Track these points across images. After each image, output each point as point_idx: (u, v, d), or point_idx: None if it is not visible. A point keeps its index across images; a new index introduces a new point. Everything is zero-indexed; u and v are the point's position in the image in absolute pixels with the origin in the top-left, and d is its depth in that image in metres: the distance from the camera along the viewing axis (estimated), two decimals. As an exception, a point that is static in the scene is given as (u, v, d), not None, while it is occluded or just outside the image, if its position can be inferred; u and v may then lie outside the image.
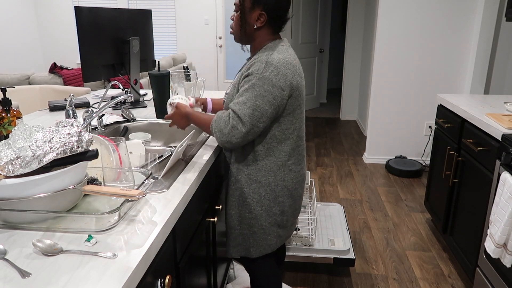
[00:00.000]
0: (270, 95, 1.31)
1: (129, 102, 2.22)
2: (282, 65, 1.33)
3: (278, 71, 1.32)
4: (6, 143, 0.99)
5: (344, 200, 3.19)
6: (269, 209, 1.47)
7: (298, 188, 1.52)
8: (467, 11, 3.49)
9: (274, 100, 1.32)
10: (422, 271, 2.29)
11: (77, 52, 6.26)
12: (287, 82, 1.33)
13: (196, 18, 6.13)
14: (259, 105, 1.31)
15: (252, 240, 1.51)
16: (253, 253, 1.52)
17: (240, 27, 1.41)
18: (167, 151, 1.50)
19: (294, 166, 1.47)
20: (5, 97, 1.48)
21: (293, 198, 1.50)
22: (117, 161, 1.12)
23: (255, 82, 1.31)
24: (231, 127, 1.32)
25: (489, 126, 1.87)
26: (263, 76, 1.31)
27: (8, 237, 0.89)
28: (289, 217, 1.53)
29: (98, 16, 1.95)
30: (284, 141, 1.42)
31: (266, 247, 1.52)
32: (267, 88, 1.30)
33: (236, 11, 1.41)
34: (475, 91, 3.55)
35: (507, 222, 1.56)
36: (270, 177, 1.44)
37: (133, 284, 0.78)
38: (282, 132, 1.41)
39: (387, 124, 3.89)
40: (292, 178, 1.47)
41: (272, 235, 1.51)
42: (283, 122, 1.40)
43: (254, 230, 1.49)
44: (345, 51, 5.44)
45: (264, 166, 1.43)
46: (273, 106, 1.32)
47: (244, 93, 1.33)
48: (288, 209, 1.50)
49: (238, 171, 1.47)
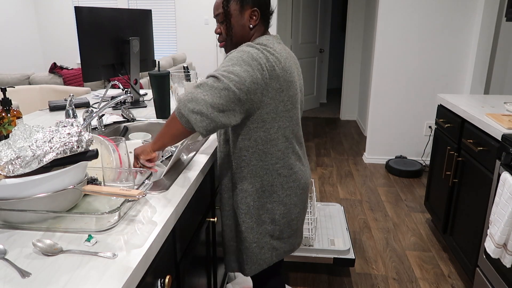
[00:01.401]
0: (249, 67, 1.17)
1: (129, 102, 2.23)
2: (264, 49, 1.23)
3: (260, 51, 1.22)
4: (6, 143, 0.99)
5: (344, 200, 3.19)
6: (258, 217, 1.37)
7: (292, 195, 1.38)
8: (467, 11, 3.49)
9: (252, 71, 1.17)
10: (422, 271, 2.29)
11: (77, 52, 6.26)
12: (269, 62, 1.21)
13: (196, 18, 6.13)
14: (235, 70, 1.16)
15: (245, 257, 1.41)
16: (248, 271, 1.42)
17: (233, 32, 1.32)
18: (167, 151, 1.50)
19: (284, 170, 1.35)
20: (5, 97, 1.48)
21: (285, 206, 1.37)
22: (117, 161, 1.12)
23: (232, 55, 1.20)
24: (198, 85, 1.16)
25: (489, 126, 1.87)
26: (242, 49, 1.21)
27: (8, 237, 0.89)
28: (283, 228, 1.39)
29: (98, 16, 1.95)
30: (270, 142, 1.30)
31: (261, 262, 1.41)
32: (246, 58, 1.18)
33: (221, 22, 1.32)
34: (475, 91, 3.55)
35: (507, 222, 1.56)
36: (256, 184, 1.34)
37: (133, 284, 0.78)
38: (267, 132, 1.29)
39: (387, 124, 3.89)
40: (282, 183, 1.35)
41: (266, 247, 1.39)
42: (266, 121, 1.27)
43: (246, 245, 1.39)
44: (345, 51, 5.44)
45: (249, 173, 1.33)
46: (251, 77, 1.17)
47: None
48: (280, 218, 1.38)
49: (227, 179, 1.40)
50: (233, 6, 1.28)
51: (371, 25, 4.65)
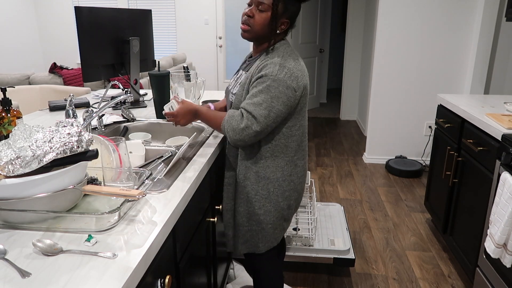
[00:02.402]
0: (285, 97, 1.37)
1: (129, 102, 2.23)
2: (294, 67, 1.39)
3: (291, 73, 1.37)
4: (6, 143, 0.99)
5: (344, 200, 3.19)
6: (277, 204, 1.52)
7: (302, 182, 1.58)
8: (467, 11, 3.49)
9: (288, 101, 1.38)
10: (422, 271, 2.29)
11: (77, 52, 6.26)
12: (299, 83, 1.39)
13: (196, 18, 6.13)
14: (275, 106, 1.36)
15: (261, 236, 1.56)
16: (262, 248, 1.58)
17: (269, 29, 1.42)
18: (167, 152, 1.49)
19: (299, 161, 1.53)
20: (5, 97, 1.48)
21: (298, 192, 1.57)
22: (117, 161, 1.12)
23: (270, 84, 1.36)
24: (245, 127, 1.37)
25: (489, 126, 1.87)
26: (278, 78, 1.36)
27: (8, 237, 0.89)
28: (293, 210, 1.60)
29: (98, 16, 1.95)
30: (290, 137, 1.47)
31: (273, 240, 1.58)
32: (282, 89, 1.36)
33: (262, 10, 1.40)
34: (475, 91, 3.55)
35: (507, 222, 1.56)
36: (278, 173, 1.49)
37: (133, 284, 0.78)
38: (289, 129, 1.46)
39: (387, 124, 3.89)
40: (297, 173, 1.53)
41: (279, 228, 1.57)
42: (290, 120, 1.45)
43: (263, 226, 1.54)
44: (345, 51, 5.44)
45: (272, 163, 1.48)
46: (287, 107, 1.38)
47: (259, 94, 1.36)
48: (293, 202, 1.57)
49: (246, 169, 1.50)
50: (280, 7, 1.40)
51: (371, 25, 4.65)
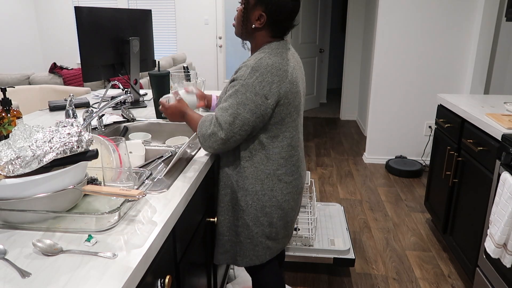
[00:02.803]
0: (252, 104, 1.25)
1: (129, 102, 2.22)
2: (268, 72, 1.26)
3: (263, 78, 1.25)
4: (6, 143, 0.99)
5: (344, 200, 3.19)
6: (255, 219, 1.41)
7: (290, 200, 1.43)
8: (467, 11, 3.49)
9: (256, 108, 1.26)
10: (422, 271, 2.29)
11: (77, 52, 6.26)
12: (272, 90, 1.26)
13: (196, 18, 6.13)
14: (240, 113, 1.25)
15: (239, 249, 1.45)
16: (240, 262, 1.47)
17: (242, 22, 1.36)
18: (167, 152, 1.49)
19: (285, 176, 1.40)
20: (5, 97, 1.48)
21: (283, 210, 1.42)
22: (117, 161, 1.12)
23: (238, 89, 1.27)
24: (211, 133, 1.29)
25: (489, 126, 1.87)
26: (246, 83, 1.26)
27: (8, 237, 0.89)
28: (279, 230, 1.45)
29: (98, 16, 1.95)
30: (272, 149, 1.36)
31: (253, 258, 1.45)
32: (249, 96, 1.25)
33: (241, 4, 1.36)
34: (475, 91, 3.55)
35: (507, 222, 1.56)
36: (257, 186, 1.38)
37: (133, 284, 0.78)
38: (270, 139, 1.35)
39: (387, 124, 3.89)
40: (282, 189, 1.40)
41: (260, 246, 1.44)
42: (271, 130, 1.34)
43: (241, 239, 1.44)
44: (345, 51, 5.44)
45: (251, 174, 1.37)
46: (255, 115, 1.27)
47: (228, 99, 1.28)
48: (277, 221, 1.43)
49: (227, 177, 1.42)
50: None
51: (371, 25, 4.65)
